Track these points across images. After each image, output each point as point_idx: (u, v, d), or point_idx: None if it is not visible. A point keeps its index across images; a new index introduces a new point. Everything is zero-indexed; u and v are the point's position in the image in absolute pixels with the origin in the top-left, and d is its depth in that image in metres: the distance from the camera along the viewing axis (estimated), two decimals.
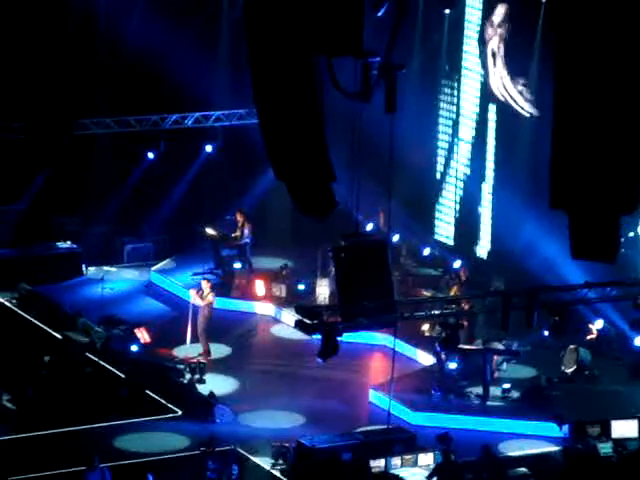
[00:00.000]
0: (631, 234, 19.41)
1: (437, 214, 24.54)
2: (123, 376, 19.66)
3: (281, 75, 9.12)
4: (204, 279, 21.20)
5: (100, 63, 24.90)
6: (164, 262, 24.99)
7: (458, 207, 23.87)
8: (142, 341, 20.45)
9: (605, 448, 16.37)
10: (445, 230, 24.49)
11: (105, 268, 24.26)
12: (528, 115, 22.51)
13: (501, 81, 23.06)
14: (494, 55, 23.15)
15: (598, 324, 20.06)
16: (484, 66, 23.29)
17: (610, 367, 19.85)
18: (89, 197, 24.94)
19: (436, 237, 24.47)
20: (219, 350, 20.76)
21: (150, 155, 25.05)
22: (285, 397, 19.31)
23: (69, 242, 24.35)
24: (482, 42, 23.13)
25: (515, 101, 22.82)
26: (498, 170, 22.63)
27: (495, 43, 23.08)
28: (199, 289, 20.72)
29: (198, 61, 24.83)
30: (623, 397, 18.92)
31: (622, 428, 16.54)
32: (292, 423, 18.03)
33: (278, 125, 9.36)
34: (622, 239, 8.78)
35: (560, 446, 17.08)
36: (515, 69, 22.69)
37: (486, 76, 23.31)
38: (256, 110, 9.63)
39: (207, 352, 20.45)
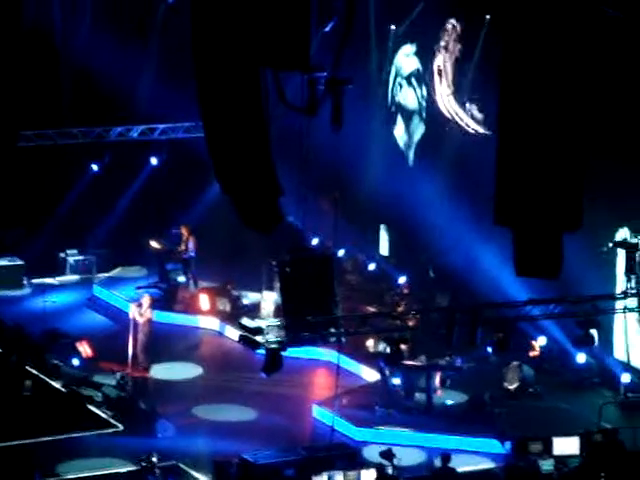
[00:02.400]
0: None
1: (381, 230, 24.64)
2: (64, 390, 19.45)
3: (227, 88, 9.07)
4: (146, 294, 21.02)
5: (44, 75, 24.68)
6: (107, 275, 24.79)
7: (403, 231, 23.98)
8: (84, 355, 20.24)
9: (546, 465, 16.45)
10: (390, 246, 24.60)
11: (47, 281, 24.00)
12: (473, 132, 22.66)
13: (447, 99, 23.21)
14: (440, 73, 23.29)
15: (541, 341, 20.18)
16: (430, 84, 23.43)
17: (553, 384, 19.97)
18: (32, 209, 24.68)
19: (382, 252, 24.55)
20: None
21: (94, 167, 24.85)
22: (228, 412, 19.21)
23: (9, 255, 24.07)
24: (428, 59, 23.28)
25: (461, 118, 22.97)
26: (443, 188, 22.73)
27: (441, 60, 23.23)
28: (139, 304, 20.54)
29: (143, 73, 24.73)
30: (565, 414, 19.04)
31: (563, 445, 16.61)
32: (235, 438, 17.91)
33: (224, 138, 9.30)
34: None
35: (502, 463, 17.12)
36: (461, 87, 22.87)
37: (432, 93, 23.44)
38: (202, 123, 9.57)
39: (147, 368, 20.28)
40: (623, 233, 19.98)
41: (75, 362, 20.07)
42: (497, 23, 20.80)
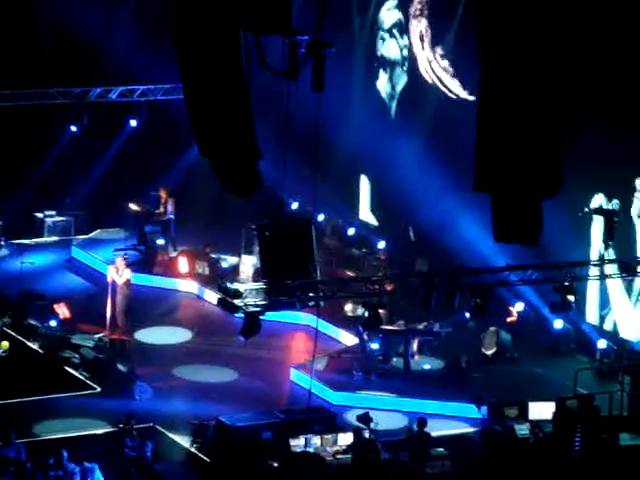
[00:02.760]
0: None
1: (360, 194, 24.65)
2: (41, 351, 19.44)
3: (207, 51, 9.00)
4: (120, 256, 20.96)
5: (23, 34, 24.48)
6: (85, 237, 24.71)
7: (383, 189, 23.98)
8: (62, 316, 20.22)
9: (522, 430, 16.57)
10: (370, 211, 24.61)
11: (25, 242, 23.91)
12: (455, 97, 22.62)
13: (428, 64, 23.15)
14: (422, 38, 23.21)
15: (518, 306, 20.27)
16: (410, 48, 23.37)
17: (530, 349, 20.09)
18: (9, 170, 24.53)
19: (361, 217, 24.57)
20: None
21: (73, 128, 24.70)
22: (206, 375, 19.24)
23: None
24: (406, 25, 23.21)
25: (442, 83, 22.92)
26: (423, 151, 22.71)
27: (422, 25, 23.15)
28: (116, 267, 20.49)
29: (124, 34, 24.55)
30: (542, 379, 19.16)
31: (539, 410, 16.73)
32: (212, 401, 17.96)
33: (203, 101, 9.25)
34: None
35: (478, 427, 17.24)
36: (442, 49, 22.83)
37: (413, 58, 23.39)
38: (182, 85, 9.51)
39: (126, 330, 20.27)
40: (598, 199, 20.05)
41: (53, 324, 20.04)
42: None
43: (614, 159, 19.29)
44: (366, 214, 24.91)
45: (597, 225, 19.92)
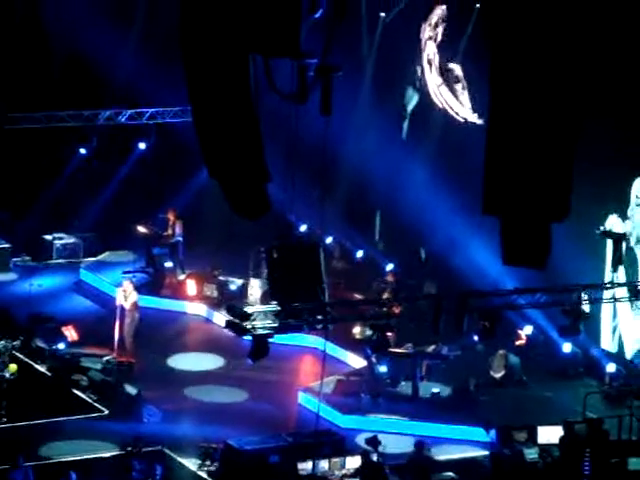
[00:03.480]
0: None
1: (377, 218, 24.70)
2: (49, 374, 19.43)
3: (216, 74, 9.04)
4: (127, 279, 20.98)
5: (34, 58, 24.60)
6: (94, 259, 24.74)
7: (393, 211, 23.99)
8: (69, 339, 20.21)
9: (531, 454, 16.51)
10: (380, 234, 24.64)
11: (34, 264, 23.95)
12: (463, 121, 22.66)
13: (438, 88, 23.20)
14: (430, 62, 23.28)
15: (527, 330, 20.23)
16: (422, 72, 23.44)
17: (538, 373, 20.02)
18: (19, 192, 24.60)
19: (376, 241, 24.61)
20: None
21: (82, 151, 24.77)
22: (214, 398, 19.22)
23: None
24: (418, 49, 23.27)
25: (451, 107, 22.97)
26: (433, 174, 22.73)
27: (431, 49, 23.22)
28: (123, 289, 20.50)
29: (133, 57, 24.65)
30: (550, 403, 19.10)
31: (548, 434, 16.68)
32: (220, 424, 17.92)
33: (212, 124, 9.27)
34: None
35: (487, 451, 17.18)
36: (451, 74, 22.89)
37: (423, 82, 23.44)
38: (191, 108, 9.54)
39: (133, 352, 20.26)
40: (612, 220, 20.05)
41: (61, 346, 20.03)
42: (486, 11, 20.77)
43: (629, 179, 19.31)
44: (376, 237, 24.93)
45: (609, 248, 19.92)
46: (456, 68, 22.84)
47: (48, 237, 24.82)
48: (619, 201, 19.99)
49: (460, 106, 22.70)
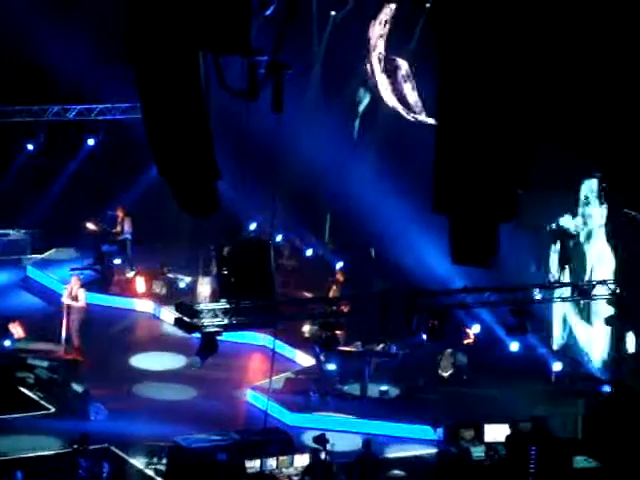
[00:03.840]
0: None
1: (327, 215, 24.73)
2: None
3: (166, 71, 8.98)
4: (74, 276, 20.83)
5: None
6: (41, 256, 24.53)
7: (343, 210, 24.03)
8: (16, 336, 20.02)
9: (477, 452, 16.60)
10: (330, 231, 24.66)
11: None
12: (413, 120, 22.74)
13: (387, 87, 23.26)
14: (380, 60, 23.34)
15: (475, 329, 20.35)
16: (372, 71, 23.48)
17: (486, 371, 20.15)
18: None
19: (326, 239, 24.62)
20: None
21: (30, 147, 24.55)
22: (162, 395, 19.14)
23: None
24: (367, 47, 23.32)
25: (401, 106, 23.04)
26: (383, 172, 22.80)
27: (381, 47, 23.28)
28: (70, 287, 20.34)
29: (83, 52, 24.44)
30: (497, 401, 19.22)
31: (495, 432, 16.78)
32: (168, 421, 17.85)
33: (162, 121, 9.22)
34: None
35: (434, 449, 17.25)
36: (399, 72, 22.97)
37: (373, 81, 23.50)
38: (140, 105, 9.48)
39: (80, 350, 20.12)
40: (564, 220, 20.24)
41: (7, 343, 19.84)
42: (436, 10, 20.87)
43: (577, 179, 19.50)
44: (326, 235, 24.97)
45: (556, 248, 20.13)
46: (403, 65, 22.91)
47: None
48: (568, 201, 20.18)
49: (409, 105, 22.78)
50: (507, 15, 8.08)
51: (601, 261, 19.68)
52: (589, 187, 19.92)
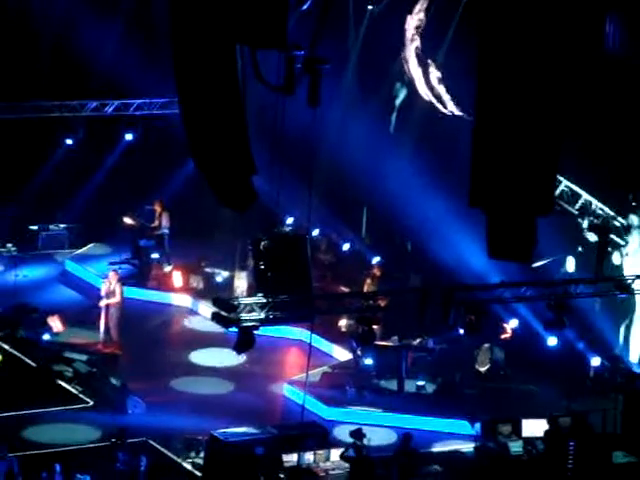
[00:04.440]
0: None
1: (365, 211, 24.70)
2: (34, 365, 19.39)
3: (204, 66, 9.02)
4: (112, 270, 20.96)
5: (20, 47, 24.51)
6: (80, 250, 24.69)
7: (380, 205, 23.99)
8: (55, 330, 20.18)
9: (515, 447, 16.55)
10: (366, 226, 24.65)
11: (19, 255, 23.90)
12: (449, 113, 22.67)
13: (424, 80, 23.21)
14: (417, 55, 23.28)
15: (512, 323, 20.27)
16: (407, 64, 23.44)
17: (523, 366, 20.07)
18: (5, 183, 24.53)
19: (363, 234, 24.61)
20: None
21: (69, 141, 24.71)
22: (199, 389, 19.21)
23: None
24: (403, 41, 23.28)
25: (438, 98, 22.97)
26: (420, 167, 22.75)
27: (417, 41, 23.23)
28: (108, 281, 20.46)
29: (121, 47, 24.58)
30: (535, 396, 19.15)
31: (532, 427, 16.72)
32: (205, 415, 17.92)
33: (199, 115, 9.26)
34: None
35: (472, 444, 17.21)
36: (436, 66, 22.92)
37: (409, 75, 23.44)
38: (178, 99, 9.52)
39: (118, 344, 20.23)
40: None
41: (46, 337, 20.00)
42: (474, 3, 20.80)
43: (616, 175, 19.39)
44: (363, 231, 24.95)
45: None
46: (434, 71, 22.88)
47: (34, 227, 24.76)
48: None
49: (444, 100, 22.72)
50: (546, 9, 8.05)
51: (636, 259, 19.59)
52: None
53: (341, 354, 20.48)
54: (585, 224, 20.45)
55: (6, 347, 19.75)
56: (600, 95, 18.68)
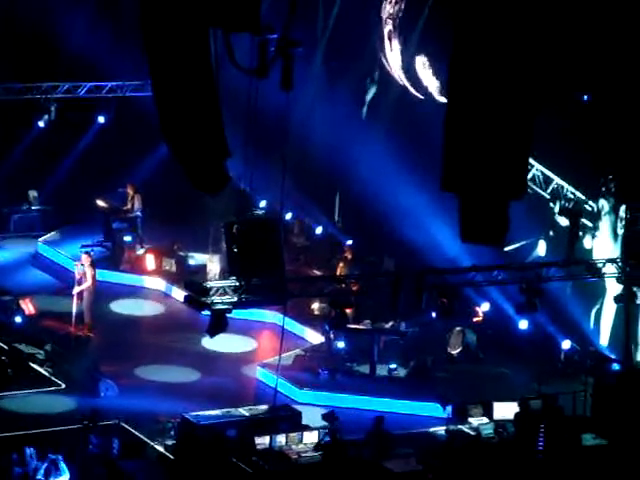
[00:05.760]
0: None
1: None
2: (5, 347, 19.33)
3: (176, 48, 8.99)
4: (85, 253, 20.89)
5: None
6: (52, 233, 24.59)
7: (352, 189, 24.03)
8: (27, 312, 20.11)
9: (486, 429, 16.66)
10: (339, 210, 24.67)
11: None
12: (422, 98, 22.71)
13: (398, 65, 23.22)
14: (390, 38, 23.28)
15: (484, 307, 20.37)
16: (381, 49, 23.43)
17: (495, 349, 20.18)
18: None
19: (335, 218, 24.63)
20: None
21: (40, 124, 24.57)
22: (172, 372, 19.21)
23: None
24: (378, 25, 23.28)
25: (412, 85, 23.00)
26: (391, 151, 22.79)
27: (391, 25, 23.23)
28: (80, 263, 20.41)
29: (94, 30, 24.44)
30: (506, 379, 19.27)
31: (503, 410, 16.83)
32: (178, 398, 17.93)
33: (172, 99, 9.23)
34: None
35: (443, 426, 17.31)
36: (411, 50, 22.93)
37: (384, 58, 23.44)
38: (151, 82, 9.49)
39: (91, 326, 20.20)
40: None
41: (18, 319, 19.92)
42: None
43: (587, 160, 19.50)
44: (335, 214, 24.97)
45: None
46: (420, 59, 22.88)
47: (5, 210, 24.62)
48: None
49: (421, 84, 22.76)
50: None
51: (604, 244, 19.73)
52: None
53: (314, 337, 20.53)
54: (556, 208, 20.57)
55: None
56: (572, 78, 18.76)
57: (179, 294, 21.10)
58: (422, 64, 22.81)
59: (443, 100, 21.70)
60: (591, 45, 18.41)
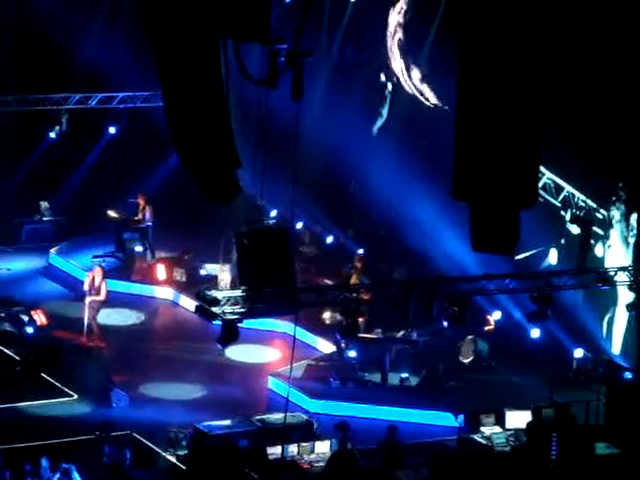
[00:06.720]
0: None
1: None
2: (17, 358, 19.36)
3: (186, 59, 9.02)
4: (97, 265, 20.93)
5: (2, 40, 24.44)
6: (63, 244, 24.65)
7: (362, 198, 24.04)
8: (38, 323, 20.14)
9: (498, 438, 16.62)
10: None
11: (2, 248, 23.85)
12: (432, 106, 22.71)
13: (406, 73, 23.24)
14: (399, 48, 23.32)
15: (496, 315, 20.34)
16: (389, 57, 23.47)
17: (506, 358, 20.15)
18: None
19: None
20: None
21: (52, 135, 24.65)
22: (183, 382, 19.22)
23: None
24: (385, 34, 23.31)
25: (421, 92, 23.01)
26: (401, 160, 22.80)
27: (400, 34, 23.26)
28: (92, 275, 20.42)
29: (104, 41, 24.54)
30: (518, 388, 19.23)
31: (516, 419, 16.79)
32: (190, 408, 17.93)
33: (183, 109, 9.26)
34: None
35: (455, 435, 17.27)
36: (417, 59, 22.96)
37: (392, 67, 23.48)
38: (161, 93, 9.51)
39: (101, 337, 20.22)
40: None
41: (30, 330, 19.96)
42: None
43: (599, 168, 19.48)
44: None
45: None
46: (416, 73, 22.92)
47: (17, 221, 24.69)
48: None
49: (429, 91, 22.76)
50: (528, 4, 8.08)
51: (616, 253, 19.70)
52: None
53: (325, 347, 20.52)
54: (568, 216, 20.54)
55: None
56: (583, 87, 18.75)
57: (189, 304, 21.12)
58: (418, 79, 22.84)
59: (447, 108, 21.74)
60: (600, 53, 18.40)
